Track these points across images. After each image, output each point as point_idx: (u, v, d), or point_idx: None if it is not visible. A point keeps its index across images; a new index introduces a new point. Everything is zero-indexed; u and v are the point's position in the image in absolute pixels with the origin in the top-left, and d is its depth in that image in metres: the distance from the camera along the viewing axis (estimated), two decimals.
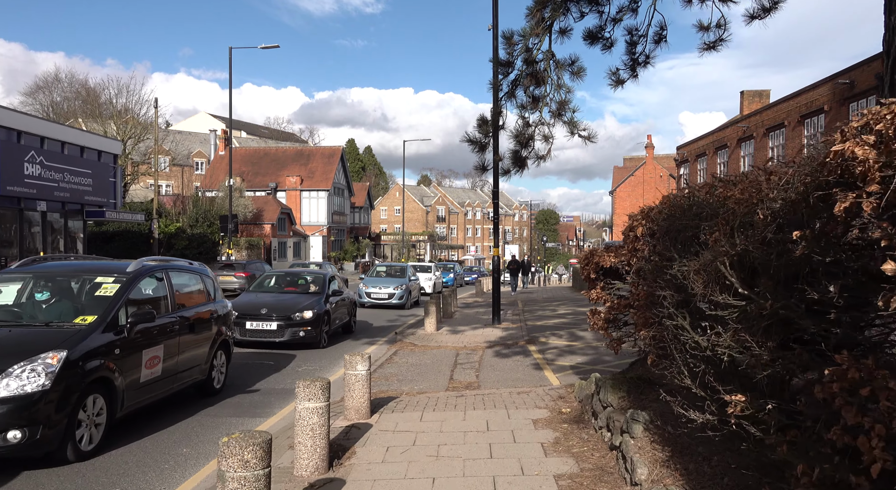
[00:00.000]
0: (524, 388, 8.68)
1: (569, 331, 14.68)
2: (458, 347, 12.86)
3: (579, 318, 17.13)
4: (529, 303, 24.08)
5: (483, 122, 8.16)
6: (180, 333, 7.37)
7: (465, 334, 14.55)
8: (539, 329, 15.25)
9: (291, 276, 14.74)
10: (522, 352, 12.09)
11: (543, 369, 10.18)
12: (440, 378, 9.72)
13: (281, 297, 13.33)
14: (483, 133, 8.14)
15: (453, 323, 16.85)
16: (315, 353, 12.36)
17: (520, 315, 18.80)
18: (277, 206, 54.57)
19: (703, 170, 38.09)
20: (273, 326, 12.23)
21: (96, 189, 31.72)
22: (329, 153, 64.85)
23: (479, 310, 21.07)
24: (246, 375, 9.99)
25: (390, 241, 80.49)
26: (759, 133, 30.07)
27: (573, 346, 12.45)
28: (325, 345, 13.08)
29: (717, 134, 36.03)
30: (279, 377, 9.98)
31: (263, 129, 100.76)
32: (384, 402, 7.68)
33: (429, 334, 14.50)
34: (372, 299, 22.48)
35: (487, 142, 8.21)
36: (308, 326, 12.47)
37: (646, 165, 50.57)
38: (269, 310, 12.46)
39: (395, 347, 13.10)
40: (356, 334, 15.51)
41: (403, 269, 24.74)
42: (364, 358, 6.71)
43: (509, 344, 13.06)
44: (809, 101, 25.44)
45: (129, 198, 48.24)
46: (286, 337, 12.26)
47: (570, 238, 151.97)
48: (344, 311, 14.86)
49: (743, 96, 41.13)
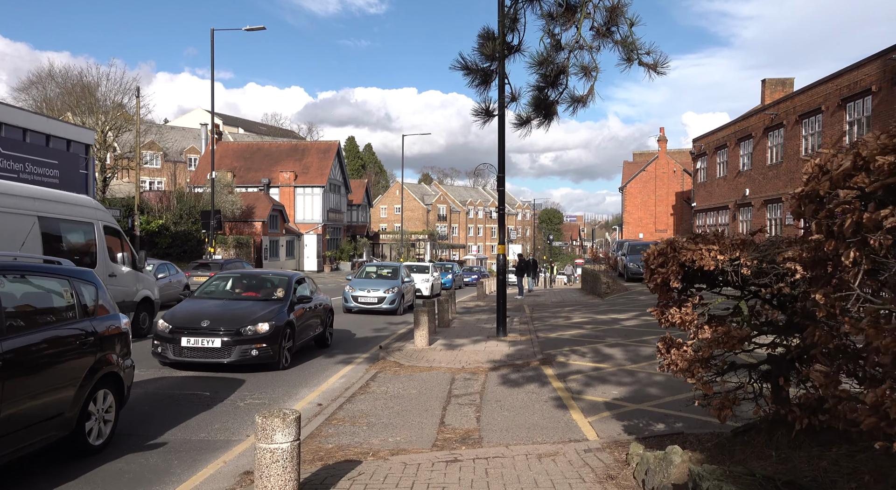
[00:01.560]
0: (547, 444, 5.97)
1: (591, 346, 11.95)
2: (454, 369, 10.15)
3: (600, 328, 14.40)
4: (538, 308, 21.34)
5: (487, 39, 5.32)
6: (8, 370, 4.66)
7: (464, 350, 11.84)
8: (554, 343, 12.53)
9: (249, 279, 11.99)
10: (537, 377, 9.37)
11: (569, 408, 7.45)
12: (427, 422, 7.01)
13: (231, 305, 10.61)
14: (486, 55, 5.34)
15: (450, 334, 14.13)
16: (271, 378, 9.66)
17: (528, 323, 16.08)
18: (269, 203, 51.87)
19: (723, 163, 35.32)
20: (216, 343, 9.51)
21: (64, 182, 28.98)
22: (325, 148, 62.13)
23: (481, 317, 18.35)
24: (160, 415, 7.29)
25: (389, 240, 77.77)
26: (790, 121, 27.28)
27: (602, 370, 9.72)
28: (286, 365, 10.36)
29: (739, 124, 33.25)
30: (206, 419, 7.28)
31: (261, 126, 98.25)
32: (334, 476, 4.98)
33: (419, 350, 11.79)
34: (359, 304, 19.76)
35: (492, 70, 5.39)
36: (263, 343, 9.76)
37: (658, 160, 47.67)
38: (213, 322, 9.75)
39: (375, 368, 10.40)
40: (332, 349, 12.81)
41: (396, 269, 22.01)
42: (289, 421, 4.00)
43: (519, 365, 10.34)
44: (853, 82, 22.65)
45: (110, 193, 45.54)
46: (234, 357, 9.55)
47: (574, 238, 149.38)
48: (316, 322, 12.15)
49: (765, 85, 38.35)
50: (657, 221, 47.57)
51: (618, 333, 13.38)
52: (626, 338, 12.67)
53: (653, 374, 9.19)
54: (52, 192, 12.11)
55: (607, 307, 19.37)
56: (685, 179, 46.74)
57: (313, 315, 11.99)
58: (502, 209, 13.78)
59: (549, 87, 5.33)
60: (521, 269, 30.09)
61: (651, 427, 6.43)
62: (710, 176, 36.99)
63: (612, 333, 13.45)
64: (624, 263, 27.45)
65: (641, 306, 18.58)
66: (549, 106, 5.41)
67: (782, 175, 28.22)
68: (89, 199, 13.32)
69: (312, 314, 11.94)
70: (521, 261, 30.90)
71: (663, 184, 47.48)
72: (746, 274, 3.55)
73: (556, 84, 5.27)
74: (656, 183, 47.51)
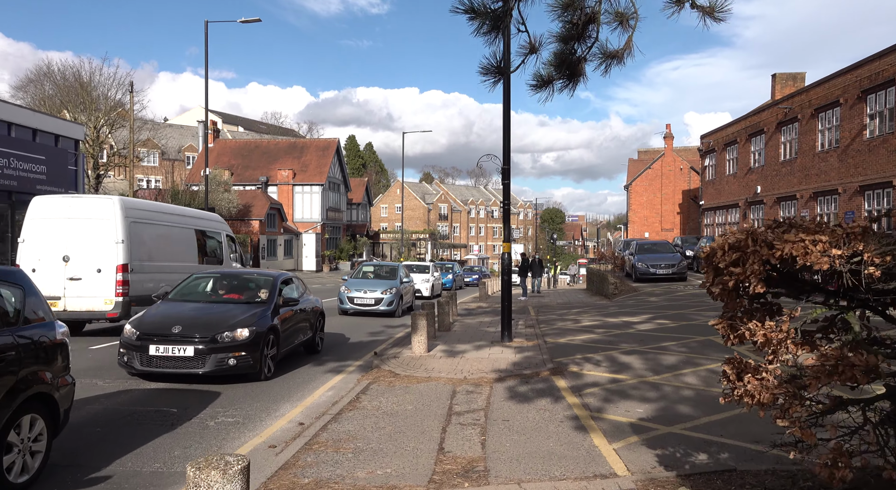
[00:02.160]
0: (568, 480, 4.94)
1: (605, 354, 10.91)
2: (455, 380, 9.12)
3: (613, 333, 13.36)
4: (543, 310, 20.30)
5: None
6: None
7: (466, 357, 10.80)
8: (564, 350, 11.49)
9: (230, 279, 10.93)
10: (549, 390, 8.33)
11: (589, 430, 6.41)
12: (423, 448, 5.98)
13: (208, 308, 9.57)
14: None
15: (451, 339, 13.10)
16: (251, 390, 8.63)
17: (535, 327, 15.04)
18: (267, 201, 50.89)
19: (732, 159, 34.26)
20: (189, 352, 8.47)
21: (52, 177, 27.99)
22: (324, 146, 61.11)
23: (484, 319, 17.31)
24: (112, 439, 6.26)
25: (390, 239, 76.75)
26: (805, 115, 26.21)
27: (621, 382, 8.68)
28: (269, 375, 9.33)
29: (750, 119, 32.18)
30: (166, 443, 6.24)
31: (262, 125, 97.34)
32: None
33: (417, 358, 10.76)
34: (355, 305, 18.74)
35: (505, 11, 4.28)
36: (242, 351, 8.73)
37: (664, 157, 46.56)
38: (186, 328, 8.71)
39: (368, 378, 9.38)
40: (322, 355, 11.78)
41: (394, 269, 20.98)
42: (232, 474, 2.95)
43: (527, 375, 9.30)
44: (874, 73, 21.59)
45: (104, 191, 44.52)
46: (209, 367, 8.51)
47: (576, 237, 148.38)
48: (304, 326, 11.12)
49: (775, 79, 37.26)
50: (663, 220, 46.51)
51: (632, 339, 12.35)
52: (642, 344, 11.63)
53: (680, 389, 8.15)
54: (199, 212, 18.27)
55: (617, 309, 18.33)
56: (692, 177, 45.66)
57: (301, 319, 10.96)
58: (507, 205, 12.77)
59: (574, 41, 4.29)
60: (525, 269, 29.03)
61: (691, 458, 5.39)
62: (718, 173, 35.94)
63: (627, 339, 12.41)
64: (632, 263, 26.40)
65: (653, 309, 17.54)
66: (574, 64, 4.36)
67: (797, 171, 27.17)
68: (217, 216, 18.98)
69: (300, 318, 10.91)
70: (524, 260, 29.85)
71: (670, 182, 46.40)
72: (875, 275, 2.53)
73: (584, 36, 4.24)
74: (662, 181, 46.43)
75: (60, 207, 12.97)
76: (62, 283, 12.58)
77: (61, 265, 12.62)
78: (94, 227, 12.68)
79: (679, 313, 15.99)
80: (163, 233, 14.34)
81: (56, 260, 12.61)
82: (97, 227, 12.67)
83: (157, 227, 14.14)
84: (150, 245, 13.71)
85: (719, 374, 8.75)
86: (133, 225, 13.12)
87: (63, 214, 12.83)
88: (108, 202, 13.11)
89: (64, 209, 12.92)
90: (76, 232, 12.64)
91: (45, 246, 12.62)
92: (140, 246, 13.28)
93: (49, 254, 12.58)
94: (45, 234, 12.69)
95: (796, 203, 27.11)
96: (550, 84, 4.51)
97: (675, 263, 25.18)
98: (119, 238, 12.64)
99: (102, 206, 12.98)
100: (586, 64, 4.41)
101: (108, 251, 12.59)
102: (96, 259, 12.62)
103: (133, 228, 13.09)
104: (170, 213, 15.31)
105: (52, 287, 12.31)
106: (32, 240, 12.75)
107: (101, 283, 12.58)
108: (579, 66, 4.38)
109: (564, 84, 4.50)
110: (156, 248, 13.88)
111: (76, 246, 12.61)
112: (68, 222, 12.74)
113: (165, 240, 14.38)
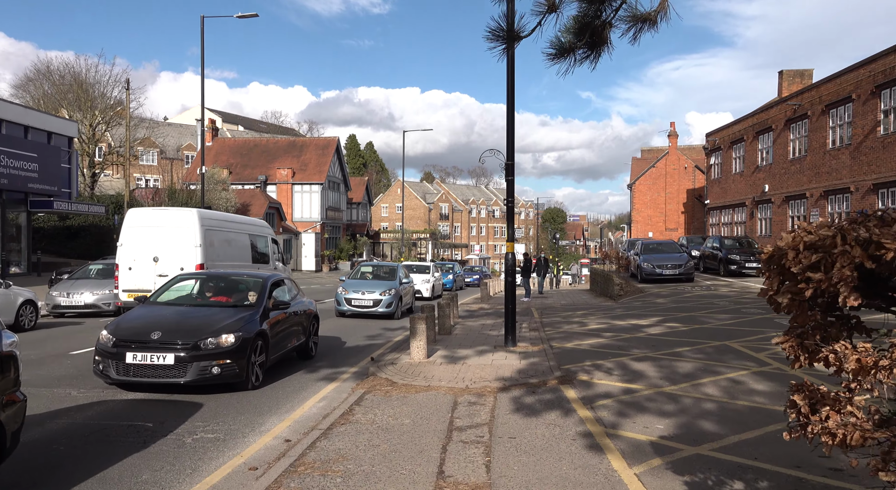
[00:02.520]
0: None
1: (616, 360, 10.27)
2: (456, 389, 8.50)
3: (622, 337, 12.72)
4: (548, 312, 19.67)
5: None
6: None
7: (468, 364, 10.16)
8: (572, 356, 10.86)
9: (217, 281, 10.28)
10: (558, 402, 7.69)
11: (605, 451, 5.77)
12: (421, 471, 5.35)
13: (192, 312, 8.94)
14: None
15: (452, 343, 12.46)
16: (236, 401, 8.01)
17: (539, 330, 14.41)
18: (265, 200, 50.25)
19: (739, 157, 33.60)
20: (169, 360, 7.84)
21: (44, 176, 27.39)
22: (323, 144, 60.46)
23: (486, 322, 16.68)
24: (75, 460, 5.63)
25: (390, 239, 76.10)
26: (815, 111, 25.55)
27: (636, 393, 8.04)
28: (256, 384, 8.70)
29: (757, 116, 31.53)
30: (135, 464, 5.61)
31: (262, 124, 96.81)
32: None
33: (416, 364, 10.13)
34: (353, 307, 18.10)
35: None
36: (227, 358, 8.10)
37: (669, 156, 45.87)
38: (167, 333, 8.08)
39: (363, 387, 8.76)
40: (315, 361, 11.15)
41: (393, 269, 20.34)
42: None
43: (534, 385, 8.67)
44: (889, 67, 20.93)
45: (100, 189, 43.92)
46: (191, 376, 7.88)
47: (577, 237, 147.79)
48: (296, 330, 10.50)
49: (782, 76, 36.68)
50: (667, 220, 45.85)
51: (644, 344, 11.71)
52: (654, 350, 11.00)
53: (700, 401, 7.51)
54: (251, 219, 21.00)
55: (623, 311, 17.68)
56: (697, 176, 44.98)
57: (293, 323, 10.33)
58: (511, 202, 12.13)
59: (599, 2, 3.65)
60: (527, 269, 28.38)
61: (726, 487, 4.75)
62: (724, 172, 35.28)
63: (637, 344, 11.77)
64: (637, 263, 25.75)
65: (662, 311, 16.90)
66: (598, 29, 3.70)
67: (806, 169, 26.52)
68: (264, 222, 21.86)
69: (292, 322, 10.28)
70: (526, 261, 29.20)
71: (674, 181, 45.73)
72: None
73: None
74: (666, 180, 45.77)
75: (150, 217, 15.80)
76: (153, 278, 15.04)
77: (152, 264, 15.30)
78: (177, 234, 15.30)
79: (690, 316, 15.35)
80: (226, 238, 16.89)
81: (148, 260, 15.32)
82: (180, 234, 15.29)
83: (222, 233, 16.77)
84: (218, 248, 16.17)
85: (742, 385, 8.14)
86: (206, 232, 15.65)
87: (152, 223, 15.55)
88: (188, 213, 15.75)
89: (153, 219, 15.72)
90: (163, 237, 15.32)
91: (139, 249, 15.34)
92: (211, 249, 15.72)
93: (142, 255, 15.33)
94: (139, 239, 15.37)
95: (806, 202, 26.46)
96: (571, 52, 3.85)
97: (682, 264, 24.52)
98: (197, 242, 15.25)
99: (184, 216, 15.62)
100: (612, 30, 3.76)
101: (189, 253, 15.18)
102: (179, 259, 15.11)
103: (206, 235, 15.61)
104: (231, 220, 18.30)
105: (145, 282, 15.06)
106: (128, 244, 15.47)
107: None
108: (604, 33, 3.73)
109: (586, 54, 3.84)
110: (222, 251, 16.35)
111: (163, 249, 15.28)
112: (157, 230, 15.43)
113: (228, 244, 16.94)
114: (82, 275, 18.75)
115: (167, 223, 15.48)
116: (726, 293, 20.62)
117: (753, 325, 13.25)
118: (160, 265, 15.18)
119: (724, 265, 25.51)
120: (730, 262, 25.27)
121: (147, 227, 15.45)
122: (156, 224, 15.50)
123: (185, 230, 15.30)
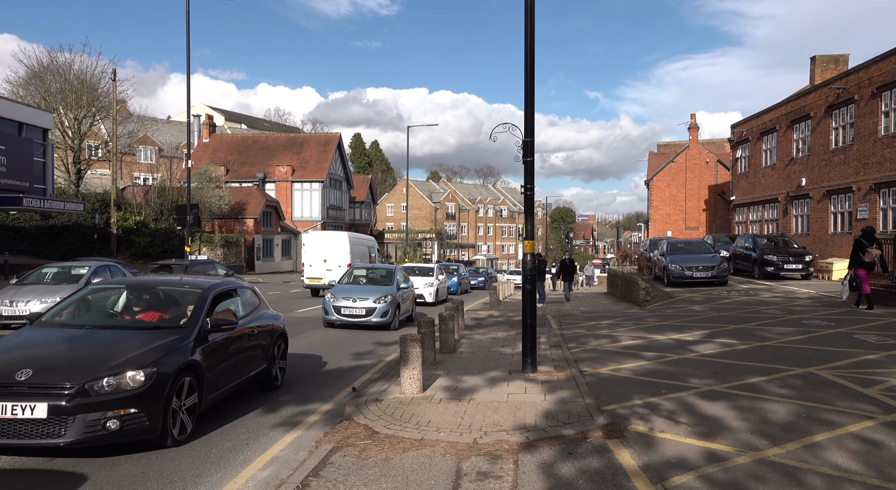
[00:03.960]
0: None
1: (675, 397, 7.72)
2: (460, 446, 6.01)
3: (669, 359, 10.17)
4: (567, 321, 17.13)
5: None
6: None
7: (476, 401, 7.66)
8: (611, 387, 8.33)
9: (139, 292, 7.71)
10: (609, 473, 5.18)
11: None
12: None
13: (89, 337, 6.45)
14: None
15: (455, 366, 9.95)
16: (143, 467, 5.54)
17: (562, 347, 11.88)
18: (262, 199, 47.92)
19: (770, 149, 30.91)
20: (39, 411, 5.38)
21: (13, 170, 24.99)
22: (325, 141, 58.08)
23: (497, 334, 14.17)
24: None
25: (395, 239, 73.71)
26: (863, 94, 22.87)
27: (724, 459, 5.50)
28: (181, 439, 6.22)
29: (791, 104, 28.84)
30: None
31: (265, 123, 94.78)
32: None
33: (407, 402, 7.64)
34: (342, 316, 15.64)
35: None
36: (132, 406, 5.64)
37: (689, 150, 43.14)
38: (39, 372, 5.62)
39: (332, 439, 6.30)
40: (280, 394, 8.66)
41: (390, 272, 17.85)
42: None
43: (570, 439, 6.16)
44: None
45: (86, 187, 41.65)
46: (74, 434, 5.41)
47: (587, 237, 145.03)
48: (255, 354, 8.04)
49: (814, 63, 34.01)
50: (687, 218, 43.17)
51: (701, 369, 9.18)
52: (720, 380, 8.46)
53: (836, 481, 4.97)
54: (364, 236, 31.44)
55: (657, 321, 15.14)
56: (720, 171, 42.27)
57: (248, 346, 7.87)
58: (531, 189, 9.59)
59: None
60: (540, 271, 25.85)
61: None
62: (753, 165, 32.61)
63: (693, 369, 9.25)
64: (663, 265, 23.16)
65: (703, 321, 14.36)
66: None
67: (852, 160, 23.84)
68: (371, 238, 32.67)
69: (246, 344, 7.82)
70: (539, 262, 26.65)
71: (694, 176, 43.04)
72: None
73: None
74: (686, 175, 43.08)
75: (321, 236, 27.53)
76: (324, 271, 25.78)
77: (322, 263, 25.98)
78: (337, 245, 26.45)
79: (741, 329, 12.82)
80: (358, 250, 27.70)
81: (320, 260, 26.06)
82: (338, 245, 26.45)
83: (357, 246, 27.62)
84: (356, 255, 26.95)
85: (883, 449, 3.86)
86: (352, 245, 26.79)
87: (322, 239, 27.06)
88: (343, 234, 27.49)
89: (323, 236, 27.34)
90: (328, 246, 26.34)
91: (315, 253, 26.26)
92: (353, 256, 26.41)
93: (317, 257, 26.16)
94: (314, 247, 26.48)
95: (852, 196, 23.80)
96: None
97: (715, 265, 21.94)
98: (347, 251, 26.30)
99: (341, 235, 27.30)
100: None
101: (343, 257, 26.10)
102: (338, 260, 25.96)
103: (352, 247, 26.72)
104: (360, 236, 29.80)
105: (319, 273, 25.84)
106: (308, 250, 26.48)
107: (339, 272, 24.22)
108: None
109: None
110: (357, 257, 26.92)
111: (329, 254, 26.08)
112: (325, 241, 26.75)
113: (359, 253, 27.72)
114: (35, 279, 16.35)
115: (330, 239, 26.94)
116: (770, 299, 18.04)
117: (831, 344, 10.70)
118: (328, 263, 25.74)
119: (760, 267, 22.92)
120: (766, 263, 22.67)
121: (319, 240, 26.85)
122: (324, 239, 26.98)
123: (341, 243, 26.48)
